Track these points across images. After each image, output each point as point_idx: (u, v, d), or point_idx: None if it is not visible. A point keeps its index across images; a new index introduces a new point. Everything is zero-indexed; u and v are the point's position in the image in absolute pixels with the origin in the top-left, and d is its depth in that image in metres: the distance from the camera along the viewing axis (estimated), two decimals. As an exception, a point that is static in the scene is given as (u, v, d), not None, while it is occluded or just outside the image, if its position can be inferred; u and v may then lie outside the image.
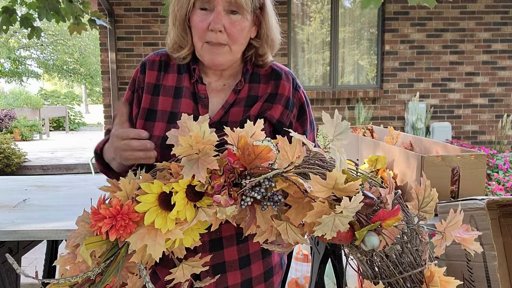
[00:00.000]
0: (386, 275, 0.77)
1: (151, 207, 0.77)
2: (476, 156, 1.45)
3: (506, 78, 5.76)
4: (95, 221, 0.77)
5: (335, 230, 0.70)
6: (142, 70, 1.08)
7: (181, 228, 0.76)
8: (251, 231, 0.80)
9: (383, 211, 0.72)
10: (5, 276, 1.66)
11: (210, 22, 0.95)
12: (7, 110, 10.74)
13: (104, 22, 3.58)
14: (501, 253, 1.27)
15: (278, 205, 0.76)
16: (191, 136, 0.73)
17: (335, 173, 0.70)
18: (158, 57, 1.08)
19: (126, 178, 0.81)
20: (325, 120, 0.77)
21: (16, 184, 1.97)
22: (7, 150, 6.08)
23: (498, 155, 3.81)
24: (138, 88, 1.07)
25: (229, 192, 0.76)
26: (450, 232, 0.77)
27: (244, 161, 0.77)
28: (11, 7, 3.28)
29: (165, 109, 1.03)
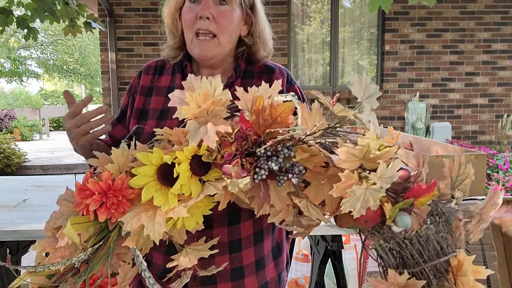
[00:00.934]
0: (410, 264, 0.67)
1: (149, 181, 0.64)
2: (476, 156, 1.45)
3: (506, 78, 5.76)
4: (81, 198, 0.63)
5: (364, 206, 0.58)
6: (139, 76, 1.12)
7: (185, 205, 0.63)
8: (264, 211, 0.68)
9: (418, 186, 0.61)
10: (5, 276, 1.66)
11: (199, 11, 0.96)
12: (7, 110, 10.74)
13: (100, 25, 3.59)
14: (501, 253, 1.27)
15: (299, 177, 0.64)
16: (199, 93, 0.61)
17: (368, 138, 0.60)
18: (155, 63, 1.13)
19: (118, 149, 0.69)
20: (354, 80, 0.68)
21: (16, 184, 1.97)
22: (7, 150, 6.08)
23: (498, 155, 3.81)
24: (133, 92, 1.11)
25: (242, 163, 0.64)
26: (487, 214, 0.67)
27: (259, 128, 0.65)
28: (8, 8, 3.28)
29: (157, 107, 1.05)
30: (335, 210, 0.63)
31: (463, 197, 0.71)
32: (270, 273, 1.06)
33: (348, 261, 2.43)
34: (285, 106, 0.65)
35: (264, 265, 1.04)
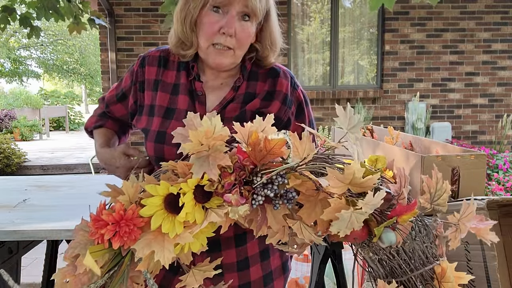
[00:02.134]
0: (398, 273, 0.75)
1: (157, 210, 0.72)
2: (476, 156, 1.45)
3: (506, 78, 5.76)
4: (97, 228, 0.71)
5: (350, 228, 0.67)
6: (141, 64, 1.09)
7: (191, 232, 0.71)
8: (262, 233, 0.76)
9: (400, 206, 0.69)
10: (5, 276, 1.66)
11: (223, 26, 0.94)
12: (7, 110, 10.74)
13: (103, 22, 3.59)
14: (501, 253, 1.27)
15: (292, 202, 0.73)
16: (201, 131, 0.69)
17: (353, 166, 0.67)
18: (158, 53, 1.10)
19: (128, 181, 0.76)
20: (339, 113, 0.75)
21: (16, 184, 1.97)
22: (7, 150, 6.08)
23: (498, 155, 3.81)
24: (136, 81, 1.09)
25: (240, 191, 0.72)
26: (464, 224, 0.75)
27: (255, 158, 0.73)
28: (11, 6, 3.28)
29: (162, 104, 1.04)
30: (326, 229, 0.71)
31: (444, 209, 0.79)
32: (275, 263, 1.13)
33: (348, 261, 2.43)
34: (278, 139, 0.72)
35: (269, 255, 1.11)
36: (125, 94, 1.14)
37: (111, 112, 1.20)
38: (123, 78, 1.15)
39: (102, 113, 1.22)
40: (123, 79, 1.15)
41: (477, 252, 1.22)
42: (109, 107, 1.19)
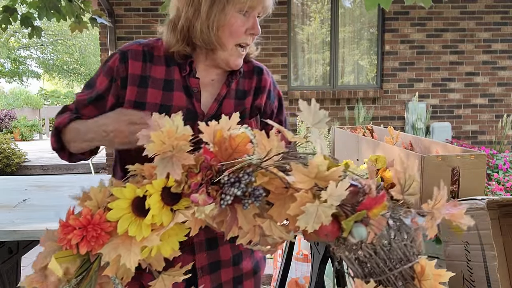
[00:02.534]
0: (377, 272, 0.73)
1: (124, 213, 0.71)
2: (476, 156, 1.45)
3: (506, 78, 5.76)
4: (64, 234, 0.70)
5: (318, 222, 0.65)
6: (122, 60, 1.02)
7: (158, 234, 0.70)
8: (233, 234, 0.75)
9: (369, 198, 0.68)
10: (5, 276, 1.66)
11: (249, 28, 0.99)
12: (7, 110, 10.74)
13: (105, 20, 3.58)
14: (501, 253, 1.27)
15: (260, 200, 0.72)
16: (163, 131, 0.69)
17: (317, 160, 0.67)
18: (140, 47, 1.04)
19: (97, 186, 0.76)
20: (302, 108, 0.73)
21: (16, 184, 1.97)
22: (7, 150, 6.08)
23: (498, 155, 3.81)
24: (117, 78, 1.02)
25: (208, 191, 0.71)
26: (438, 210, 0.74)
27: (222, 157, 0.73)
28: (12, 6, 3.28)
29: (155, 101, 1.01)
30: (297, 227, 0.69)
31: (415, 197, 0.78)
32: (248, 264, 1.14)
33: (348, 261, 2.43)
34: (242, 137, 0.72)
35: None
36: (102, 95, 1.04)
37: (82, 116, 1.07)
38: (96, 80, 1.05)
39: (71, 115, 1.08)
40: (96, 81, 1.04)
41: (477, 252, 1.22)
42: (79, 111, 1.06)
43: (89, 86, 1.06)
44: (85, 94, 1.05)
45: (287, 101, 5.59)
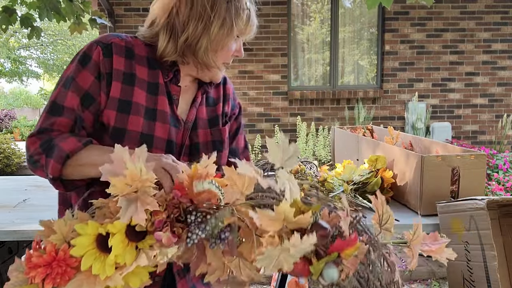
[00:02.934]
0: None
1: (88, 250, 0.69)
2: (476, 156, 1.45)
3: (506, 78, 5.76)
4: (29, 268, 0.68)
5: (277, 266, 0.62)
6: (106, 53, 0.94)
7: (121, 273, 0.68)
8: (201, 271, 0.73)
9: (339, 241, 0.65)
10: (5, 276, 1.66)
11: (236, 50, 1.04)
12: (7, 110, 10.74)
13: (105, 21, 3.58)
14: (501, 253, 1.27)
15: (226, 243, 0.69)
16: (127, 175, 0.66)
17: (282, 207, 0.63)
18: (123, 42, 0.98)
19: (62, 219, 0.73)
20: (270, 147, 0.67)
21: (16, 184, 1.97)
22: (7, 150, 6.08)
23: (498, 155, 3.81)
24: (104, 73, 0.94)
25: (173, 229, 0.69)
26: (414, 247, 0.72)
27: (193, 195, 0.71)
28: (11, 6, 3.28)
29: (140, 102, 0.96)
30: None
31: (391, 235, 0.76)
32: None
33: (348, 261, 2.42)
34: (216, 182, 0.70)
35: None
36: (91, 95, 0.94)
37: (85, 128, 0.96)
38: (76, 78, 0.93)
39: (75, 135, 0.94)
40: (77, 79, 0.93)
41: (477, 252, 1.22)
42: (83, 121, 0.94)
43: (66, 83, 0.93)
44: (75, 99, 0.93)
45: (287, 101, 5.60)
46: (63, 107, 0.92)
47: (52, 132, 0.91)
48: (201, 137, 1.06)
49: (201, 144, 1.05)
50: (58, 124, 0.92)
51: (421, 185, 1.45)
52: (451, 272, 1.32)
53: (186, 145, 1.03)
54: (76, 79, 0.93)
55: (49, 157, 0.88)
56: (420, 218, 0.74)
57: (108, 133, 0.94)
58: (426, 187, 1.45)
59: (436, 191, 1.45)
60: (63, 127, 0.92)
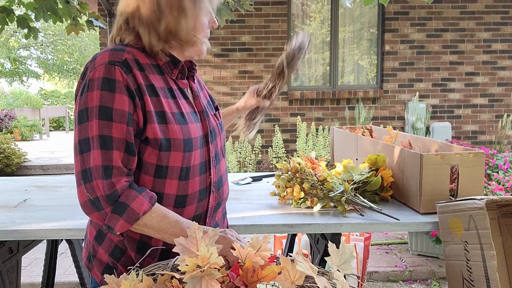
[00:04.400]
0: None
1: None
2: (474, 154, 1.46)
3: (506, 78, 5.76)
4: None
5: None
6: (127, 71, 0.92)
7: None
8: None
9: None
10: (5, 275, 1.66)
11: (210, 21, 1.07)
12: (7, 110, 10.74)
13: (101, 23, 3.58)
14: (500, 252, 1.27)
15: None
16: (199, 257, 0.74)
17: None
18: (130, 55, 0.96)
19: (128, 278, 0.79)
20: (330, 251, 0.78)
21: (16, 184, 1.98)
22: (7, 150, 6.08)
23: (498, 155, 3.81)
24: (133, 91, 0.92)
25: None
26: None
27: (246, 280, 0.78)
28: (8, 7, 3.27)
29: (171, 110, 0.98)
30: None
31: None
32: None
33: (348, 260, 2.43)
34: (270, 270, 0.76)
35: None
36: (132, 115, 0.92)
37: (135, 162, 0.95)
38: (112, 104, 0.89)
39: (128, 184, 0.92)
40: (111, 103, 0.89)
41: (476, 251, 1.22)
42: (135, 155, 0.94)
43: (105, 115, 0.89)
44: (122, 131, 0.90)
45: (287, 101, 5.60)
46: (111, 138, 0.90)
47: (113, 177, 0.90)
48: (212, 121, 1.12)
49: (215, 129, 1.11)
50: (115, 161, 0.90)
51: (420, 184, 1.45)
52: (451, 272, 1.32)
53: (206, 133, 1.08)
54: (113, 106, 0.89)
55: (118, 214, 0.89)
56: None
57: (157, 147, 0.94)
58: (426, 185, 1.45)
59: (435, 189, 1.45)
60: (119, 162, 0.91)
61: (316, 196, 1.53)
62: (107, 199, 0.89)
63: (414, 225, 1.41)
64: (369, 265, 2.99)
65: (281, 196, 1.62)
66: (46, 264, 2.04)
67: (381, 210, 1.44)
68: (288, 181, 1.60)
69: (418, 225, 1.42)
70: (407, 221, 1.41)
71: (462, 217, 1.28)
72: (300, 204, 1.56)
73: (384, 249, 3.35)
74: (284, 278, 0.76)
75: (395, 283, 2.95)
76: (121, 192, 0.90)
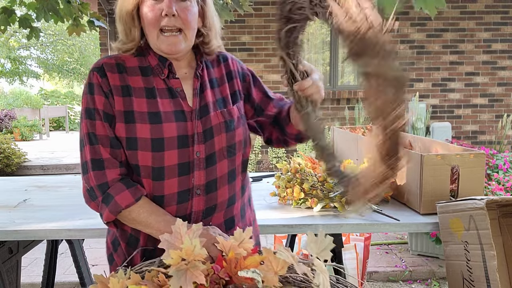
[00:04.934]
0: None
1: None
2: (475, 154, 1.46)
3: (506, 78, 5.76)
4: None
5: None
6: (102, 75, 1.01)
7: None
8: None
9: None
10: (5, 275, 1.66)
11: (163, 8, 0.98)
12: (7, 110, 10.75)
13: (102, 23, 3.58)
14: (501, 253, 1.27)
15: None
16: (183, 249, 0.76)
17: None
18: (112, 60, 1.04)
19: (115, 277, 0.81)
20: (309, 240, 0.79)
21: (16, 184, 1.98)
22: (7, 150, 6.08)
23: (498, 155, 3.80)
24: (108, 92, 1.01)
25: None
26: None
27: (230, 272, 0.80)
28: (10, 7, 3.28)
29: (142, 110, 1.00)
30: None
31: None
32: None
33: (348, 261, 2.43)
34: (252, 260, 0.79)
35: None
36: (110, 114, 1.01)
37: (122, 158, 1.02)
38: (92, 104, 1.01)
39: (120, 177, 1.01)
40: (94, 104, 1.01)
41: (477, 252, 1.22)
42: (115, 151, 1.01)
43: (90, 115, 1.01)
44: (103, 129, 1.00)
45: (287, 101, 5.60)
46: (95, 135, 1.00)
47: (105, 169, 0.99)
48: (213, 120, 1.05)
49: (214, 128, 1.05)
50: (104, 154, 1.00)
51: (420, 184, 1.45)
52: (451, 272, 1.32)
53: (199, 132, 1.03)
54: (94, 106, 1.01)
55: (105, 204, 0.99)
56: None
57: (124, 146, 1.00)
58: (426, 186, 1.45)
59: (435, 190, 1.45)
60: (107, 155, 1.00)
61: (316, 197, 1.53)
62: (99, 189, 0.99)
63: (414, 225, 1.41)
64: (369, 265, 2.99)
65: (281, 196, 1.62)
66: (46, 264, 2.04)
67: (381, 210, 1.44)
68: (288, 181, 1.60)
69: (418, 226, 1.42)
70: (407, 221, 1.41)
71: (462, 217, 1.28)
72: (300, 204, 1.56)
73: (384, 249, 3.35)
74: (267, 268, 0.77)
75: (395, 283, 2.95)
76: (111, 184, 0.99)
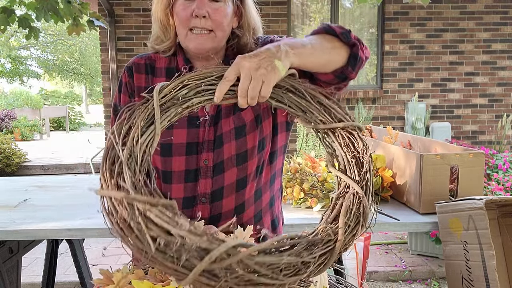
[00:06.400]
0: None
1: None
2: (474, 154, 1.46)
3: (506, 78, 5.77)
4: None
5: None
6: (130, 74, 1.06)
7: None
8: None
9: None
10: (5, 275, 1.67)
11: (194, 9, 0.95)
12: (7, 110, 10.75)
13: (102, 23, 3.58)
14: (500, 252, 1.27)
15: None
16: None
17: None
18: (142, 60, 1.07)
19: (120, 271, 0.83)
20: None
21: (17, 184, 1.98)
22: (7, 150, 6.09)
23: (498, 155, 3.81)
24: (132, 92, 1.05)
25: None
26: None
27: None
28: (10, 7, 3.28)
29: None
30: None
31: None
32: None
33: (347, 261, 2.43)
34: None
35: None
36: None
37: None
38: (118, 101, 1.07)
39: None
40: (119, 101, 1.06)
41: (476, 251, 1.22)
42: None
43: (115, 111, 1.07)
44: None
45: (287, 101, 5.60)
46: None
47: None
48: (224, 127, 1.02)
49: (224, 135, 1.01)
50: None
51: (420, 184, 1.46)
52: (450, 272, 1.33)
53: (210, 140, 1.00)
54: (120, 104, 1.07)
55: None
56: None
57: None
58: (425, 185, 1.45)
59: (435, 189, 1.45)
60: None
61: (316, 197, 1.53)
62: None
63: (414, 225, 1.41)
64: (369, 265, 3.00)
65: (281, 196, 1.62)
66: (46, 264, 2.05)
67: (381, 210, 1.45)
68: (288, 181, 1.60)
69: (417, 225, 1.42)
70: (407, 221, 1.41)
71: (461, 217, 1.28)
72: (300, 204, 1.57)
73: (384, 249, 3.35)
74: None
75: (395, 283, 2.95)
76: None
